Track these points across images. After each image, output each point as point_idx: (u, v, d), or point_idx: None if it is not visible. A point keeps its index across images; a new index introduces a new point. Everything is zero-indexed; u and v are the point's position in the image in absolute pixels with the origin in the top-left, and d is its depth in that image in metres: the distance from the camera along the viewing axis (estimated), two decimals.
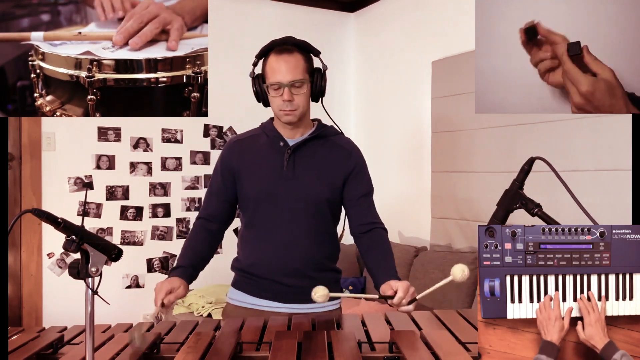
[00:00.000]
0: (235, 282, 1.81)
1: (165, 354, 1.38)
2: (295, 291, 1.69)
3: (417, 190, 3.79)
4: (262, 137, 1.77)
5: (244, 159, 1.75)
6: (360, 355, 1.29)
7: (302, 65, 1.66)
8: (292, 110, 1.65)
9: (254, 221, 1.74)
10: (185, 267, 1.66)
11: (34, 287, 3.46)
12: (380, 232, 1.74)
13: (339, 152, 1.75)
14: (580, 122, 2.67)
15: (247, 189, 1.73)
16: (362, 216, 1.75)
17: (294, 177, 1.70)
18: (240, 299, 1.77)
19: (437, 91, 3.56)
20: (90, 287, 1.15)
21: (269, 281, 1.71)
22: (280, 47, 1.65)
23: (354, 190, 1.74)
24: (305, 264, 1.70)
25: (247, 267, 1.75)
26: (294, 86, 1.63)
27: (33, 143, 3.46)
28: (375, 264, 1.67)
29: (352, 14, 4.47)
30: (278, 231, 1.70)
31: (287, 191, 1.69)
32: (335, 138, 1.79)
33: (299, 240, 1.70)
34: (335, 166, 1.73)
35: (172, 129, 3.80)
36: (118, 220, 3.66)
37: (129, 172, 3.70)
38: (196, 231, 1.78)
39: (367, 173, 1.79)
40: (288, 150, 1.71)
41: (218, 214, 1.79)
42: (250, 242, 1.75)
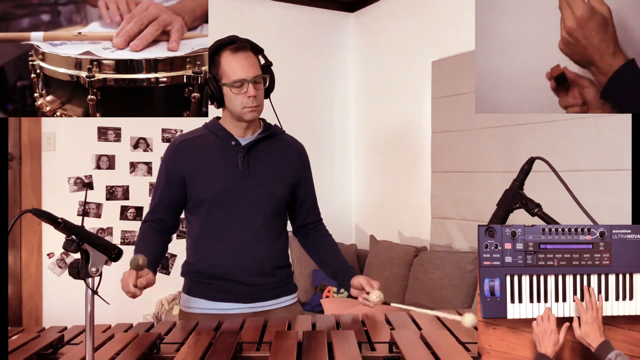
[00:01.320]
0: (189, 288, 1.77)
1: (165, 354, 1.38)
2: (257, 289, 1.72)
3: (417, 190, 3.79)
4: (209, 137, 1.75)
5: (193, 160, 1.72)
6: (360, 355, 1.29)
7: (257, 62, 1.69)
8: (257, 106, 1.67)
9: (210, 223, 1.72)
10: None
11: (34, 287, 3.46)
12: (324, 227, 1.90)
13: (290, 150, 1.80)
14: (580, 122, 2.67)
15: (201, 191, 1.71)
16: (309, 214, 1.87)
17: (250, 176, 1.71)
18: (195, 306, 1.74)
19: (437, 91, 3.56)
20: (90, 287, 1.15)
21: (233, 282, 1.71)
22: (233, 45, 1.66)
23: (305, 189, 1.83)
24: (266, 262, 1.73)
25: (206, 270, 1.72)
26: (256, 82, 1.66)
27: (33, 143, 3.46)
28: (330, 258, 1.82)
29: (352, 14, 4.47)
30: (238, 231, 1.70)
31: (244, 190, 1.70)
32: (283, 136, 1.82)
33: (259, 239, 1.71)
34: (289, 165, 1.78)
35: (172, 129, 3.80)
36: (118, 220, 3.66)
37: (129, 172, 3.70)
38: (145, 232, 1.73)
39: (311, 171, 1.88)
40: (241, 150, 1.71)
41: (165, 219, 1.77)
42: (207, 244, 1.73)
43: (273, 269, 1.75)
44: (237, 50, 1.65)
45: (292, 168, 1.79)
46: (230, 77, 1.65)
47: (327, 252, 1.85)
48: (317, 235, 1.88)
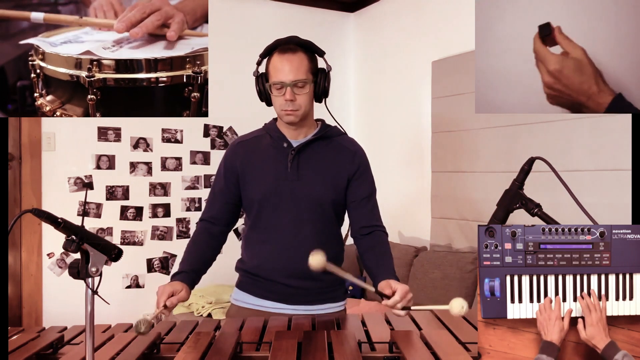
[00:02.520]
0: (240, 283, 1.80)
1: (165, 354, 1.38)
2: (300, 292, 1.69)
3: (417, 190, 3.79)
4: (265, 138, 1.76)
5: (247, 160, 1.74)
6: (360, 355, 1.29)
7: (306, 65, 1.65)
8: (294, 110, 1.64)
9: (258, 223, 1.73)
10: (188, 272, 1.64)
11: (34, 287, 3.46)
12: (381, 235, 1.75)
13: (343, 152, 1.75)
14: (580, 122, 2.67)
15: (251, 191, 1.72)
16: (364, 218, 1.75)
17: (298, 179, 1.69)
18: (244, 300, 1.76)
19: (437, 91, 3.56)
20: (90, 287, 1.15)
21: (273, 282, 1.71)
22: (284, 46, 1.64)
23: (357, 192, 1.74)
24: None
25: (252, 269, 1.74)
26: (297, 86, 1.63)
27: (33, 143, 3.46)
28: (374, 264, 1.66)
29: (352, 14, 4.47)
30: (282, 233, 1.70)
31: (291, 193, 1.69)
32: (339, 139, 1.78)
33: (302, 242, 1.68)
34: (339, 167, 1.72)
35: (172, 129, 3.80)
36: (118, 220, 3.66)
37: (129, 172, 3.70)
38: (198, 234, 1.77)
39: (371, 174, 1.79)
40: (292, 152, 1.70)
41: (221, 216, 1.78)
42: (255, 243, 1.75)
43: (318, 274, 1.67)
44: (285, 51, 1.63)
45: (342, 171, 1.73)
46: (272, 78, 1.64)
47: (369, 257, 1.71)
48: (368, 241, 1.74)
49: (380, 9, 4.18)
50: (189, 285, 1.61)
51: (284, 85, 1.62)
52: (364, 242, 1.74)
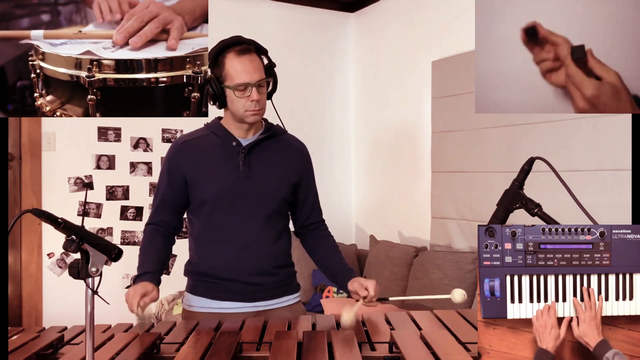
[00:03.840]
0: (193, 288, 1.78)
1: (165, 354, 1.38)
2: (259, 289, 1.73)
3: (417, 190, 3.79)
4: (211, 137, 1.76)
5: (194, 161, 1.73)
6: (360, 355, 1.29)
7: (261, 64, 1.69)
8: (259, 110, 1.67)
9: (211, 223, 1.73)
10: (153, 273, 1.65)
11: (34, 287, 3.46)
12: (326, 229, 1.89)
13: (292, 151, 1.81)
14: (580, 122, 2.67)
15: (203, 192, 1.72)
16: (312, 214, 1.86)
17: (251, 177, 1.71)
18: (200, 305, 1.75)
19: (437, 91, 3.56)
20: (90, 287, 1.15)
21: (233, 282, 1.71)
22: (239, 47, 1.65)
23: (307, 190, 1.83)
24: (267, 261, 1.73)
25: (208, 270, 1.73)
26: (260, 86, 1.66)
27: (33, 143, 3.46)
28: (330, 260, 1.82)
29: (352, 14, 4.47)
30: (239, 231, 1.71)
31: (245, 191, 1.70)
32: (285, 137, 1.82)
33: (260, 239, 1.72)
34: (290, 165, 1.78)
35: (172, 129, 3.80)
36: (118, 220, 3.66)
37: (129, 172, 3.70)
38: (151, 236, 1.76)
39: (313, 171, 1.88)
40: (242, 150, 1.71)
41: (168, 220, 1.77)
42: (208, 244, 1.74)
43: (274, 268, 1.75)
44: (242, 53, 1.64)
45: (293, 168, 1.79)
46: (233, 80, 1.64)
47: (326, 253, 1.84)
48: (318, 236, 1.87)
49: (380, 9, 4.18)
50: (156, 284, 1.62)
51: (248, 86, 1.63)
52: (312, 236, 1.87)
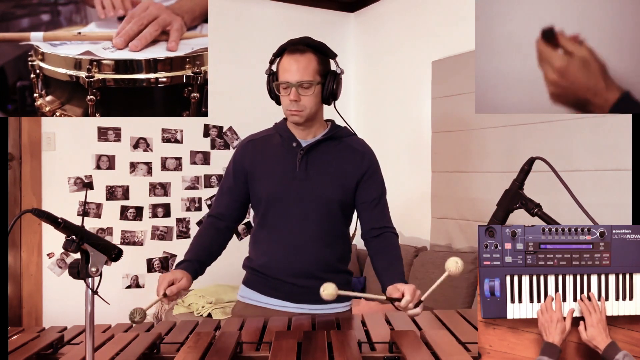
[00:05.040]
0: (247, 280, 1.80)
1: (165, 354, 1.38)
2: (305, 292, 1.68)
3: (417, 190, 3.79)
4: (275, 137, 1.77)
5: (256, 159, 1.75)
6: (360, 355, 1.29)
7: (314, 66, 1.64)
8: (299, 110, 1.65)
9: (266, 221, 1.74)
10: (191, 261, 1.64)
11: (34, 287, 3.46)
12: (391, 237, 1.74)
13: (352, 153, 1.74)
14: (580, 122, 2.67)
15: (259, 190, 1.73)
16: (373, 220, 1.75)
17: (306, 178, 1.69)
18: (250, 297, 1.77)
19: (437, 91, 3.56)
20: (90, 287, 1.15)
21: (280, 281, 1.71)
22: (293, 46, 1.64)
23: (366, 193, 1.74)
24: (316, 265, 1.70)
25: (259, 267, 1.75)
26: (302, 87, 1.63)
27: (33, 143, 3.46)
28: (383, 267, 1.67)
29: (352, 14, 4.47)
30: (289, 232, 1.70)
31: (299, 192, 1.69)
32: (349, 139, 1.77)
33: (309, 242, 1.69)
34: (348, 168, 1.72)
35: (172, 129, 3.80)
36: (118, 220, 3.66)
37: (129, 172, 3.69)
38: (205, 228, 1.78)
39: (380, 175, 1.80)
40: (301, 151, 1.70)
41: (228, 213, 1.79)
42: (262, 241, 1.76)
43: (324, 273, 1.69)
44: (294, 52, 1.63)
45: (351, 172, 1.73)
46: (279, 78, 1.66)
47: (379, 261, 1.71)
48: (381, 245, 1.73)
49: (380, 9, 4.18)
50: (191, 274, 1.60)
51: (289, 86, 1.62)
52: (374, 244, 1.74)
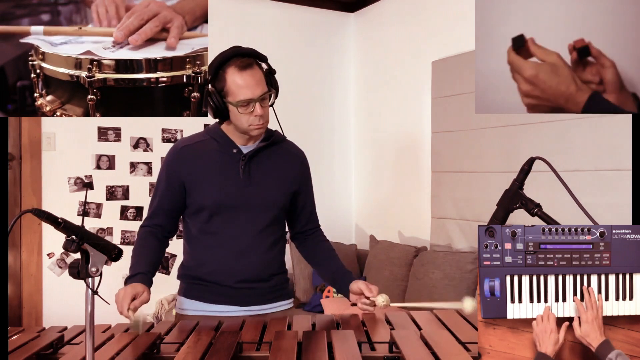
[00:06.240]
0: (187, 291, 1.78)
1: (165, 354, 1.38)
2: (253, 294, 1.73)
3: (417, 190, 3.79)
4: (211, 143, 1.74)
5: (194, 165, 1.72)
6: (360, 355, 1.29)
7: (262, 75, 1.66)
8: (263, 123, 1.67)
9: (208, 229, 1.72)
10: (145, 274, 1.63)
11: (34, 287, 3.46)
12: (322, 233, 1.90)
13: (292, 158, 1.81)
14: (580, 122, 2.67)
15: (202, 199, 1.71)
16: (310, 220, 1.88)
17: (251, 184, 1.71)
18: (194, 308, 1.75)
19: (437, 91, 3.56)
20: (90, 287, 1.15)
21: (228, 287, 1.72)
22: (239, 61, 1.62)
23: (306, 197, 1.84)
24: (262, 268, 1.74)
25: (204, 275, 1.74)
26: (263, 99, 1.64)
27: (33, 143, 3.46)
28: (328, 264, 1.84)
29: (352, 14, 4.47)
30: (236, 238, 1.71)
31: (244, 199, 1.70)
32: (285, 144, 1.82)
33: (256, 246, 1.73)
34: (289, 172, 1.78)
35: (172, 129, 3.80)
36: (118, 220, 3.66)
37: (129, 172, 3.70)
38: (145, 238, 1.74)
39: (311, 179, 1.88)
40: (243, 158, 1.71)
41: (164, 225, 1.77)
42: (204, 249, 1.74)
43: (269, 275, 1.76)
44: (244, 68, 1.61)
45: (293, 176, 1.79)
46: (236, 97, 1.62)
47: (325, 257, 1.86)
48: (315, 241, 1.88)
49: (380, 9, 4.18)
50: (148, 286, 1.60)
51: (251, 102, 1.62)
52: (309, 242, 1.88)
